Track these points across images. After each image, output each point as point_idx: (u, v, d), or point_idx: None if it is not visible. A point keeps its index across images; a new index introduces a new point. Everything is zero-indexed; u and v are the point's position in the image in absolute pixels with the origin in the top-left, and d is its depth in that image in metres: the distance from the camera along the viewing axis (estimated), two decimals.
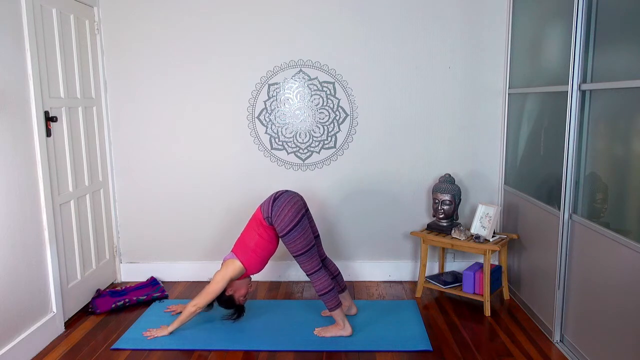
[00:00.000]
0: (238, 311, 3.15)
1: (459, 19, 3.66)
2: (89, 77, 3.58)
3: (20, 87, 2.80)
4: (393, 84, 3.73)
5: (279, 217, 2.88)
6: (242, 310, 3.16)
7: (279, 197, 2.95)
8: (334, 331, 3.01)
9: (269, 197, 3.00)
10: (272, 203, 2.93)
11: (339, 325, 3.01)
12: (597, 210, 2.62)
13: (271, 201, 2.95)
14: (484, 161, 3.82)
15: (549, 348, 2.89)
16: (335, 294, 2.96)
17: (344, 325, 3.00)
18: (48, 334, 3.00)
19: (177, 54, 3.73)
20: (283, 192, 3.00)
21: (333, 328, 3.02)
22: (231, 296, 3.07)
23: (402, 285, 3.86)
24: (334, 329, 3.02)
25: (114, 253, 3.93)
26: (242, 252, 3.00)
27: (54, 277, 3.07)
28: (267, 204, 2.96)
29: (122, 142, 3.85)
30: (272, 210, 2.91)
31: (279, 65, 3.74)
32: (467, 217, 3.86)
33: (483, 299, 3.33)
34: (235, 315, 3.15)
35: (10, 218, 2.71)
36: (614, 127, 2.46)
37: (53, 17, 3.14)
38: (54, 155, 3.12)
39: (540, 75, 3.20)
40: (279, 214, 2.88)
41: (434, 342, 2.97)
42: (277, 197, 2.94)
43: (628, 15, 2.33)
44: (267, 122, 3.80)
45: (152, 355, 2.84)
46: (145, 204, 3.91)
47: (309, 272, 2.94)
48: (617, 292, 2.36)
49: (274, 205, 2.92)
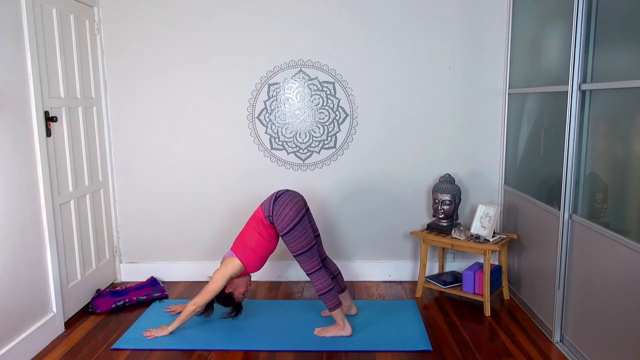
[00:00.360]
0: (236, 309, 3.15)
1: (459, 19, 3.66)
2: (89, 77, 3.58)
3: (20, 87, 2.80)
4: (393, 84, 3.73)
5: (280, 216, 2.88)
6: (240, 308, 3.17)
7: (280, 196, 2.95)
8: (334, 331, 3.01)
9: (270, 196, 3.00)
10: (273, 202, 2.94)
11: (339, 325, 3.01)
12: (597, 210, 2.62)
13: (272, 200, 2.95)
14: (484, 161, 3.82)
15: (549, 348, 2.89)
16: (335, 294, 2.96)
17: (344, 325, 3.00)
18: (48, 334, 3.00)
19: (177, 54, 3.73)
20: (284, 191, 3.00)
21: (333, 328, 3.02)
22: (230, 294, 3.08)
23: (402, 285, 3.86)
24: (334, 329, 3.02)
25: (114, 253, 3.93)
26: (242, 250, 3.00)
27: (54, 277, 3.07)
28: (269, 202, 2.96)
29: (122, 142, 3.85)
30: (273, 209, 2.92)
31: (279, 65, 3.74)
32: (467, 217, 3.86)
33: (483, 299, 3.33)
34: (234, 313, 3.15)
35: (10, 218, 2.71)
36: (614, 127, 2.46)
37: (53, 17, 3.14)
38: (54, 155, 3.12)
39: (540, 75, 3.20)
40: (280, 213, 2.89)
41: (434, 342, 2.97)
42: (279, 197, 2.95)
43: (628, 15, 2.33)
44: (267, 122, 3.80)
45: (152, 355, 2.84)
46: (145, 204, 3.91)
47: (308, 272, 2.94)
48: (617, 292, 2.36)
49: (275, 204, 2.92)
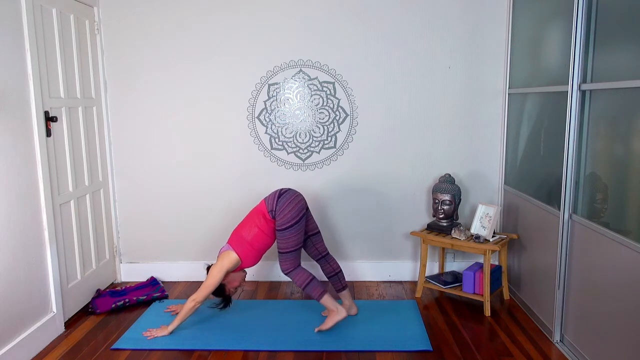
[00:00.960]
0: (225, 301, 3.16)
1: (459, 19, 3.65)
2: (89, 77, 3.58)
3: (20, 87, 2.80)
4: (393, 84, 3.73)
5: (283, 212, 2.95)
6: (229, 301, 3.18)
7: (284, 193, 3.03)
8: (330, 320, 3.00)
9: (274, 192, 3.07)
10: (277, 198, 3.01)
11: (333, 311, 3.00)
12: (597, 210, 2.62)
13: (277, 196, 3.02)
14: (484, 161, 3.82)
15: (549, 348, 2.89)
16: (317, 283, 2.98)
17: (337, 309, 2.99)
18: (48, 334, 3.00)
19: (177, 54, 3.73)
20: (288, 189, 3.07)
21: (329, 318, 3.02)
22: (222, 285, 3.10)
23: (402, 285, 3.86)
24: (329, 318, 3.01)
25: (114, 253, 3.93)
26: (239, 244, 3.02)
27: (54, 277, 3.07)
28: (273, 198, 3.03)
29: (122, 142, 3.85)
30: (277, 204, 2.99)
31: (279, 65, 3.73)
32: (467, 217, 3.86)
33: (483, 299, 3.33)
34: (222, 305, 3.16)
35: (10, 218, 2.71)
36: (614, 127, 2.46)
37: (53, 17, 3.14)
38: (54, 155, 3.12)
39: (540, 75, 3.20)
40: (282, 209, 2.95)
41: (434, 342, 2.97)
42: (283, 193, 3.03)
43: (628, 15, 2.33)
44: (267, 122, 3.80)
45: (152, 355, 2.84)
46: (145, 204, 3.91)
47: (287, 271, 2.98)
48: (617, 292, 2.36)
49: (279, 200, 2.99)
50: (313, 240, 3.19)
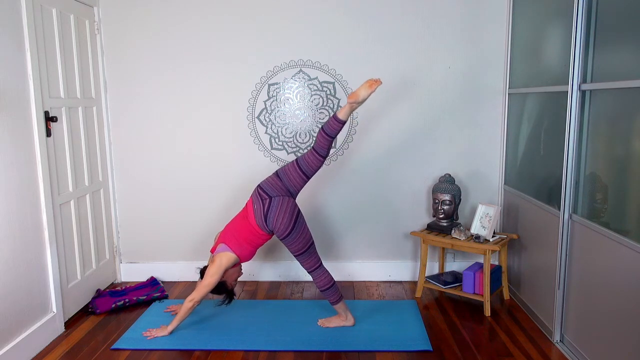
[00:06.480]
0: (229, 296, 3.15)
1: (459, 19, 3.65)
2: (89, 77, 3.58)
3: (20, 87, 2.80)
4: (393, 83, 3.73)
5: (276, 225, 2.92)
6: (232, 295, 3.16)
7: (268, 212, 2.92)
8: (337, 322, 3.10)
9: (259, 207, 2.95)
10: (264, 218, 2.93)
11: (342, 316, 3.09)
12: (597, 210, 2.62)
13: (263, 216, 2.93)
14: (484, 161, 3.82)
15: (549, 348, 2.89)
16: (337, 289, 3.04)
17: (346, 316, 3.09)
18: (48, 334, 3.00)
19: (177, 54, 3.73)
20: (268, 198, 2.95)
21: (336, 319, 3.09)
22: (223, 282, 3.08)
23: (402, 285, 3.86)
24: (337, 319, 3.10)
25: (114, 253, 3.93)
26: (236, 243, 2.98)
27: (54, 277, 3.07)
28: (260, 217, 2.94)
29: (122, 142, 3.85)
30: (267, 223, 2.93)
31: (279, 65, 3.73)
32: (467, 217, 3.86)
33: (483, 299, 3.33)
34: (227, 300, 3.15)
35: (10, 218, 2.71)
36: (614, 127, 2.46)
37: (53, 17, 3.14)
38: (54, 155, 3.12)
39: (540, 75, 3.20)
40: (274, 222, 2.92)
41: (434, 342, 2.96)
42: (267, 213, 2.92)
43: (628, 15, 2.33)
44: (267, 122, 3.80)
45: (152, 355, 2.84)
46: (145, 204, 3.91)
47: (310, 270, 3.00)
48: (617, 292, 2.36)
49: (267, 218, 2.92)
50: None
